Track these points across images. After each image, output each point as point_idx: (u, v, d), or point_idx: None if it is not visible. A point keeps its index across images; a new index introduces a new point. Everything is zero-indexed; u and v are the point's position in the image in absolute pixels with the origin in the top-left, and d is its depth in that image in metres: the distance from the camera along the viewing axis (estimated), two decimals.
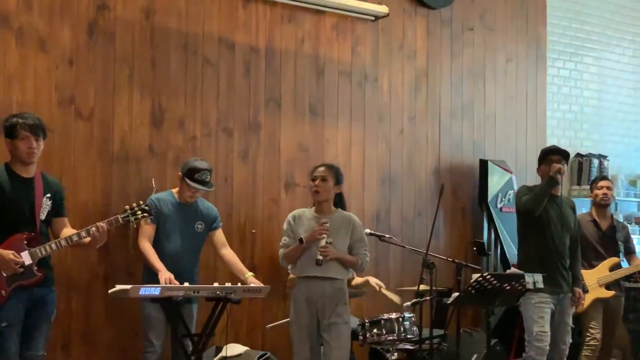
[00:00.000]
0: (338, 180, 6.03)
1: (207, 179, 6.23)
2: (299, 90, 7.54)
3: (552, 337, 6.42)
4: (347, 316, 5.95)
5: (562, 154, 6.61)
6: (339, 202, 6.11)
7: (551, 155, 6.58)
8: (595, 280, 7.13)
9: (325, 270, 5.80)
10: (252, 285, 6.13)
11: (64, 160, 6.32)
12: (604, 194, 7.41)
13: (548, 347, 6.37)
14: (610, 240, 7.36)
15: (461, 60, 8.68)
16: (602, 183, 7.49)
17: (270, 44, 7.38)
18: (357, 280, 6.92)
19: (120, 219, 5.36)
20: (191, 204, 6.33)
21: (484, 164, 8.60)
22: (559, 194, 6.50)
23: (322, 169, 6.00)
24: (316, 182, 5.93)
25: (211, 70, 7.06)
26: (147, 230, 6.14)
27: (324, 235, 5.76)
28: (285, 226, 6.01)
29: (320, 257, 5.72)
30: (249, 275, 6.30)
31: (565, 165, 6.59)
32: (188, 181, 6.17)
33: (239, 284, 6.04)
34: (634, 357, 8.00)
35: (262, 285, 6.14)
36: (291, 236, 5.94)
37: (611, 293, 7.16)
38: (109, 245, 6.36)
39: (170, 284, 5.82)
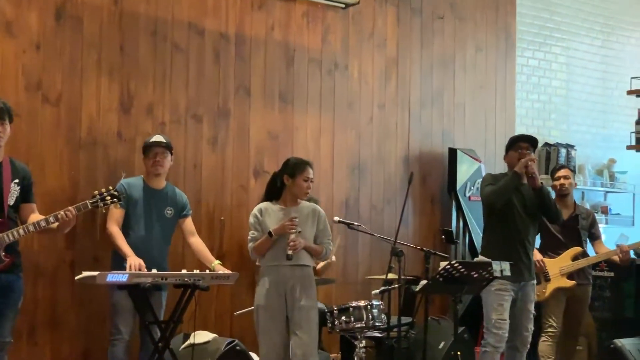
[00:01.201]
0: None
1: (160, 140, 6.27)
2: (269, 77, 7.52)
3: (514, 325, 6.45)
4: (316, 301, 5.95)
5: (530, 142, 6.62)
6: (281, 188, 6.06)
7: (519, 143, 6.60)
8: (558, 269, 7.15)
9: (295, 259, 5.78)
10: (220, 272, 6.11)
11: (30, 146, 6.26)
12: (561, 184, 7.36)
13: (507, 335, 6.40)
14: (572, 230, 7.34)
15: (431, 49, 8.69)
16: (558, 173, 7.41)
17: (240, 31, 7.35)
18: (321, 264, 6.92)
19: (89, 205, 5.29)
20: (161, 190, 6.30)
21: (453, 153, 8.62)
22: (526, 182, 6.51)
23: (312, 171, 5.99)
24: (309, 184, 5.95)
25: (180, 56, 7.02)
26: (116, 214, 6.09)
27: (293, 230, 5.75)
28: (252, 220, 5.96)
29: (290, 252, 5.71)
30: (216, 263, 6.27)
31: (533, 152, 6.61)
32: (144, 153, 6.25)
33: (207, 272, 6.03)
34: (600, 344, 8.06)
35: (230, 272, 6.13)
36: (259, 229, 5.89)
37: (572, 283, 7.15)
38: (76, 231, 6.32)
39: (138, 270, 5.79)
